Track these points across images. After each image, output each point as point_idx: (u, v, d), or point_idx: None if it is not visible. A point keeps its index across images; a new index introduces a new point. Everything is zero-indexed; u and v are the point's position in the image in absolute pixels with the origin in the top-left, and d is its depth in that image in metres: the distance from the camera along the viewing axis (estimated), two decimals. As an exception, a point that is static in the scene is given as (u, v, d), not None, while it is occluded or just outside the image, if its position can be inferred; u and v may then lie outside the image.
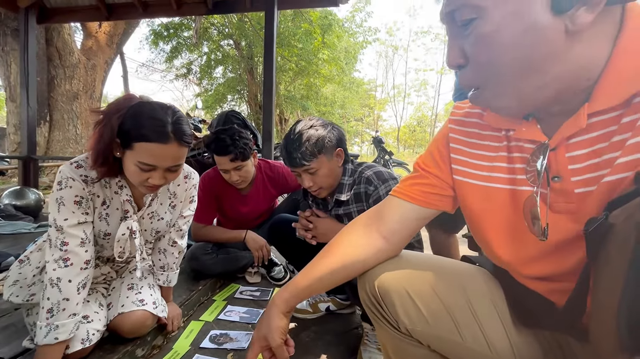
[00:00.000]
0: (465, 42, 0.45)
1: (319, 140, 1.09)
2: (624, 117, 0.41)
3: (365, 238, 0.66)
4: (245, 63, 10.19)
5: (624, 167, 0.40)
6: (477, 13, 0.42)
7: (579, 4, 0.38)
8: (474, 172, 0.57)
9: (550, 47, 0.40)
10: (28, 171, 3.04)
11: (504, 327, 0.59)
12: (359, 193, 1.14)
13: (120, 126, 0.84)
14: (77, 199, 0.87)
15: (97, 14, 3.40)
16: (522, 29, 0.40)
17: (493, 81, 0.45)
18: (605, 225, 0.39)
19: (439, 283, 0.61)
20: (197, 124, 3.73)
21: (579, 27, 0.39)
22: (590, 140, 0.44)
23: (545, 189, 0.48)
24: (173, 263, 1.17)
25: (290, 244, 1.44)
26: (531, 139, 0.49)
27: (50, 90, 5.57)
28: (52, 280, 0.84)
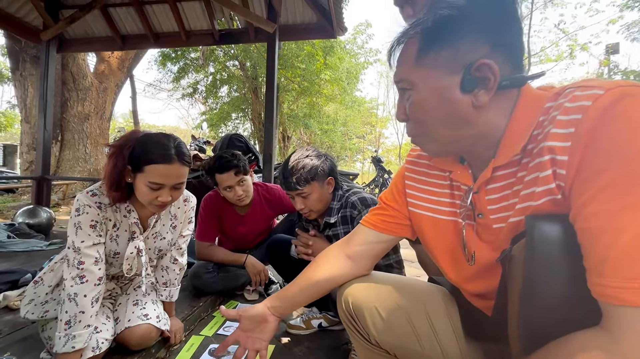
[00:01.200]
0: (406, 104, 0.60)
1: (312, 169, 1.24)
2: (519, 172, 0.54)
3: (335, 257, 0.80)
4: (249, 83, 10.53)
5: (520, 211, 0.52)
6: (410, 86, 0.57)
7: (478, 88, 0.52)
8: (423, 204, 0.70)
9: (462, 115, 0.54)
10: (41, 190, 3.20)
11: (456, 338, 0.70)
12: (345, 216, 1.27)
13: (131, 154, 0.99)
14: (92, 223, 1.00)
15: (112, 44, 3.66)
16: (440, 101, 0.55)
17: (423, 133, 0.60)
18: (510, 255, 0.52)
19: (403, 300, 0.73)
20: (201, 145, 3.90)
21: (481, 103, 0.53)
22: (500, 188, 0.57)
23: (473, 222, 0.61)
24: (175, 279, 1.28)
25: (286, 263, 1.55)
26: (463, 182, 0.63)
27: (63, 112, 5.83)
28: (70, 295, 0.95)
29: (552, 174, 0.47)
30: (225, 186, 1.67)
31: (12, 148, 12.70)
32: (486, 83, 0.51)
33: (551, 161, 0.47)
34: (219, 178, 1.66)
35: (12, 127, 18.05)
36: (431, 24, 0.54)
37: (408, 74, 0.57)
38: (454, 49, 0.52)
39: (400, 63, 0.59)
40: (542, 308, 0.46)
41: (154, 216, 1.14)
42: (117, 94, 6.83)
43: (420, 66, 0.55)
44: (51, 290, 1.08)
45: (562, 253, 0.45)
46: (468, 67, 0.51)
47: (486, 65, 0.50)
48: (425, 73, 0.55)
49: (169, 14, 3.37)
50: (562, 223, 0.45)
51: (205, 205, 1.80)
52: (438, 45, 0.53)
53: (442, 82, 0.54)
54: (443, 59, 0.53)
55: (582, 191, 0.42)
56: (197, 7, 3.31)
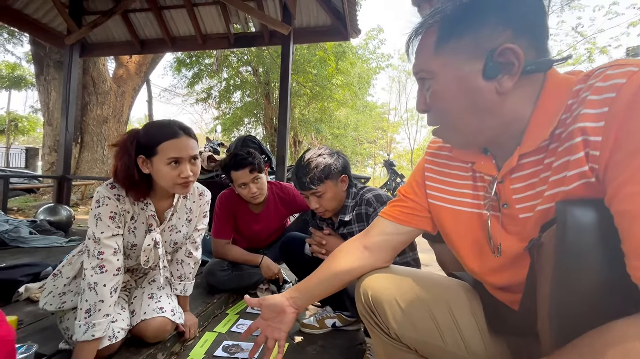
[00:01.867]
0: (426, 94, 0.59)
1: (325, 167, 1.23)
2: (546, 159, 0.52)
3: (352, 250, 0.79)
4: (262, 89, 10.67)
5: (550, 198, 0.50)
6: (430, 75, 0.56)
7: (502, 73, 0.50)
8: (445, 196, 0.69)
9: (485, 102, 0.53)
10: (62, 189, 3.29)
11: (480, 333, 0.68)
12: (360, 213, 1.25)
13: (138, 146, 1.02)
14: (111, 215, 1.02)
15: (131, 48, 3.77)
16: (463, 89, 0.53)
17: (445, 123, 0.59)
18: (538, 244, 0.50)
19: (425, 293, 0.71)
20: (215, 147, 3.95)
21: (505, 89, 0.51)
22: (526, 176, 0.55)
23: (498, 213, 0.59)
24: (189, 273, 1.29)
25: (300, 261, 1.55)
26: (487, 173, 0.61)
27: (83, 115, 6.03)
28: (90, 284, 0.97)
29: (584, 156, 0.45)
30: (240, 184, 1.69)
31: (34, 151, 13.19)
32: (510, 68, 0.50)
33: (583, 143, 0.45)
34: (234, 175, 1.67)
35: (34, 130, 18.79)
36: (450, 11, 0.53)
37: (428, 64, 0.56)
38: (475, 35, 0.51)
39: (419, 53, 0.58)
40: (576, 298, 0.44)
41: (170, 209, 1.15)
42: (134, 98, 7.02)
43: (440, 54, 0.54)
44: (69, 282, 1.10)
45: (596, 238, 0.43)
46: (490, 52, 0.50)
47: (509, 50, 0.49)
48: (446, 62, 0.54)
49: (186, 19, 3.46)
50: (595, 207, 0.43)
51: (220, 203, 1.82)
52: (458, 32, 0.52)
53: (463, 70, 0.52)
54: (464, 46, 0.52)
55: (617, 173, 0.41)
56: (214, 11, 3.39)
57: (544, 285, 0.49)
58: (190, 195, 1.23)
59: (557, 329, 0.46)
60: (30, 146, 14.87)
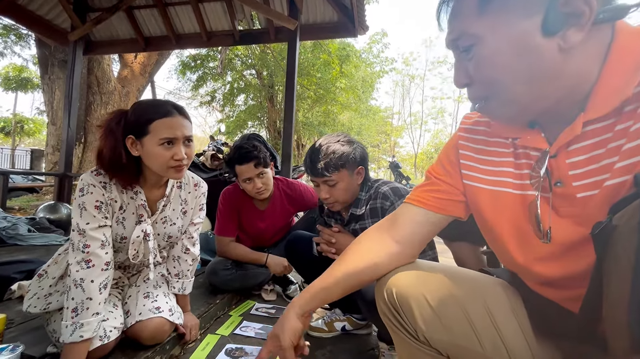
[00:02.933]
0: (468, 64, 0.50)
1: (343, 155, 1.13)
2: (617, 125, 0.43)
3: (378, 243, 0.68)
4: (266, 92, 10.68)
5: (623, 170, 0.42)
6: (475, 40, 0.48)
7: (568, 25, 0.42)
8: (482, 176, 0.60)
9: (545, 64, 0.44)
10: (63, 187, 3.24)
11: (525, 336, 0.58)
12: (375, 208, 1.17)
13: (126, 125, 0.94)
14: (97, 204, 0.93)
15: (135, 45, 3.74)
16: (518, 50, 0.45)
17: (496, 94, 0.50)
18: (610, 227, 0.40)
19: (458, 290, 0.62)
20: (220, 147, 3.89)
21: (571, 44, 0.43)
22: (589, 147, 0.46)
23: (548, 194, 0.50)
24: (187, 271, 1.20)
25: (306, 261, 1.46)
26: (535, 147, 0.52)
27: (87, 115, 6.02)
28: (76, 281, 0.88)
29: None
30: (244, 178, 1.60)
31: (39, 153, 13.24)
32: (578, 18, 0.42)
33: None
34: (239, 169, 1.60)
35: (40, 133, 18.93)
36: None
37: (470, 26, 0.48)
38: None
39: (458, 16, 0.50)
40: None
41: (162, 199, 1.07)
42: (138, 99, 7.02)
43: (486, 14, 0.47)
44: (55, 282, 1.02)
45: None
46: (553, 1, 0.42)
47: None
48: (494, 22, 0.46)
49: (191, 15, 3.42)
50: None
51: (224, 199, 1.74)
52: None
53: (518, 28, 0.45)
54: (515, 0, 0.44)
55: None
56: (219, 8, 3.34)
57: (621, 280, 0.39)
58: (185, 185, 1.14)
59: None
60: (36, 148, 14.93)
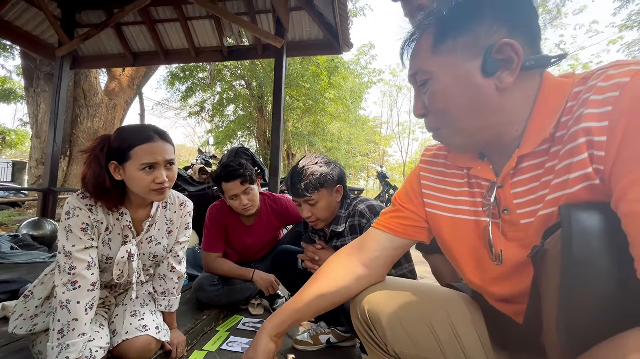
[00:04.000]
0: (424, 97, 0.58)
1: (321, 176, 1.20)
2: (547, 162, 0.51)
3: (347, 266, 0.73)
4: (255, 102, 10.72)
5: (552, 202, 0.49)
6: (429, 76, 0.56)
7: (501, 69, 0.50)
8: (442, 204, 0.66)
9: (486, 99, 0.52)
10: (47, 202, 3.20)
11: (483, 347, 0.64)
12: (353, 225, 1.23)
13: (110, 151, 0.97)
14: (83, 226, 0.96)
15: (123, 60, 3.76)
16: (462, 86, 0.53)
17: (446, 124, 0.57)
18: (542, 251, 0.47)
19: (424, 307, 0.68)
20: (207, 159, 3.91)
21: (505, 85, 0.51)
22: (527, 180, 0.53)
23: (498, 220, 0.57)
24: (173, 288, 1.22)
25: (292, 275, 1.50)
26: (485, 177, 0.59)
27: (72, 127, 5.93)
28: (62, 302, 0.91)
29: (588, 157, 0.43)
30: (231, 195, 1.65)
31: (21, 165, 12.89)
32: (509, 63, 0.50)
33: (587, 143, 0.43)
34: (225, 186, 1.64)
35: (23, 144, 18.45)
36: (446, 12, 0.53)
37: (425, 64, 0.56)
38: (472, 33, 0.51)
39: (416, 55, 0.58)
40: (585, 307, 0.41)
41: (148, 219, 1.10)
42: (126, 111, 6.96)
43: (438, 54, 0.54)
44: (41, 303, 1.04)
45: (604, 243, 0.41)
46: (488, 49, 0.50)
47: (508, 45, 0.49)
48: (444, 61, 0.54)
49: (180, 32, 3.47)
50: (601, 211, 0.42)
51: (210, 215, 1.77)
52: (455, 31, 0.52)
53: (462, 68, 0.52)
54: (461, 44, 0.52)
55: (624, 173, 0.39)
56: (207, 25, 3.41)
57: (550, 295, 0.46)
58: (171, 204, 1.18)
59: (567, 341, 0.44)
60: (18, 159, 14.51)
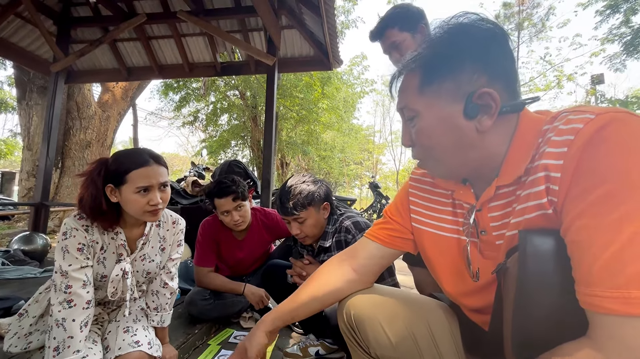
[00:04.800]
0: (412, 130, 0.63)
1: (308, 194, 1.27)
2: (518, 190, 0.57)
3: (339, 271, 0.80)
4: (249, 112, 10.77)
5: (515, 226, 0.55)
6: (415, 113, 0.61)
7: (481, 114, 0.56)
8: (426, 221, 0.73)
9: (467, 139, 0.58)
10: (39, 216, 3.19)
11: (458, 354, 0.71)
12: (340, 240, 1.29)
13: (106, 175, 1.03)
14: (79, 246, 1.01)
15: (117, 75, 3.82)
16: (446, 127, 0.58)
17: (430, 157, 0.63)
18: (504, 268, 0.54)
19: (406, 314, 0.74)
20: (200, 172, 3.95)
21: (484, 127, 0.56)
22: (502, 205, 0.60)
23: (477, 239, 0.63)
24: (166, 304, 1.26)
25: (282, 289, 1.54)
26: (466, 201, 0.65)
27: (65, 140, 5.93)
28: (58, 321, 0.94)
29: (544, 190, 0.49)
30: (222, 211, 1.70)
31: (10, 176, 12.70)
32: (488, 109, 0.55)
33: (545, 177, 0.50)
34: (217, 202, 1.69)
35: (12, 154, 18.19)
36: (431, 58, 0.59)
37: (412, 103, 0.61)
38: (455, 80, 0.56)
39: (404, 91, 0.63)
40: (534, 320, 0.47)
41: (141, 237, 1.15)
42: (119, 122, 6.98)
43: (424, 95, 0.59)
44: (35, 321, 1.07)
45: (553, 265, 0.47)
46: (470, 95, 0.55)
47: (487, 94, 0.54)
48: (429, 103, 0.59)
49: (174, 48, 3.55)
50: (553, 237, 0.48)
51: (203, 230, 1.82)
52: (440, 78, 0.57)
53: (446, 110, 0.57)
54: (445, 89, 0.57)
55: (572, 207, 0.45)
56: (201, 42, 3.50)
57: (508, 307, 0.52)
58: (164, 223, 1.22)
59: (518, 349, 0.50)
60: (7, 170, 14.29)
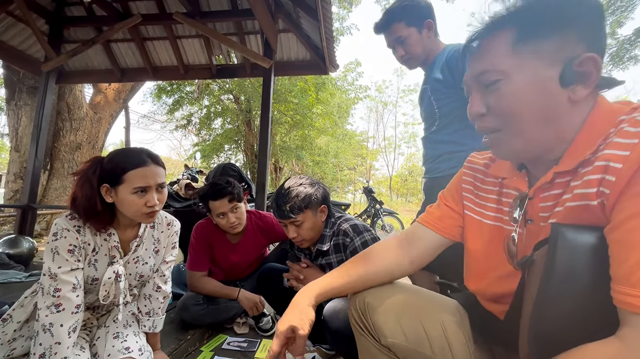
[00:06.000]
0: (489, 97, 0.57)
1: (306, 197, 1.25)
2: (571, 182, 0.53)
3: (398, 257, 0.78)
4: (243, 116, 10.75)
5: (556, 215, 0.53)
6: (501, 75, 0.55)
7: (578, 82, 0.51)
8: (474, 207, 0.72)
9: (557, 109, 0.53)
10: (26, 219, 3.10)
11: (467, 342, 0.70)
12: (337, 244, 1.27)
13: (102, 174, 0.99)
14: (70, 248, 0.97)
15: (111, 76, 3.77)
16: (537, 92, 0.52)
17: (508, 127, 0.56)
18: (530, 261, 0.53)
19: (418, 303, 0.74)
20: (194, 175, 3.90)
21: (578, 98, 0.51)
22: (555, 196, 0.55)
23: (523, 229, 0.60)
24: (158, 308, 1.22)
25: (278, 293, 1.51)
26: (518, 188, 0.62)
27: (54, 141, 5.80)
28: (45, 326, 0.90)
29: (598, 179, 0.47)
30: (218, 213, 1.66)
31: (-4, 177, 12.40)
32: (587, 78, 0.50)
33: (604, 167, 0.46)
34: (212, 205, 1.66)
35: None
36: (533, 15, 0.53)
37: (500, 63, 0.54)
38: (557, 41, 0.51)
39: (489, 51, 0.56)
40: (556, 315, 0.46)
41: (135, 239, 1.11)
42: (111, 124, 6.86)
43: (518, 55, 0.53)
44: (20, 326, 1.02)
45: (584, 262, 0.45)
46: (571, 60, 0.50)
47: (591, 60, 0.49)
48: (523, 63, 0.53)
49: (169, 49, 3.52)
50: (588, 233, 0.46)
51: (196, 233, 1.78)
52: (540, 35, 0.52)
53: (541, 73, 0.52)
54: (544, 49, 0.52)
55: (629, 204, 0.43)
56: (196, 44, 3.48)
57: (530, 300, 0.51)
58: (158, 224, 1.19)
59: (534, 345, 0.48)
60: (-7, 172, 13.97)
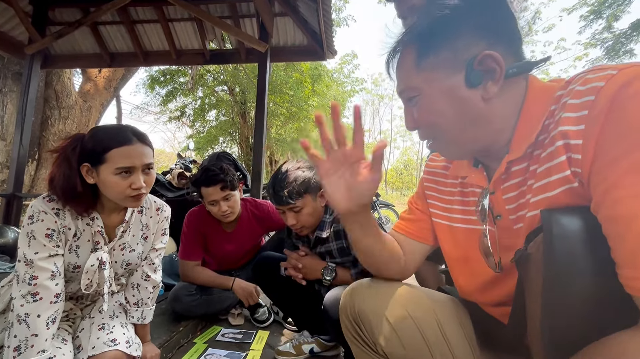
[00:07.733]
0: (414, 111, 0.59)
1: (305, 181, 1.17)
2: (531, 166, 0.52)
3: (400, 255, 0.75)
4: (238, 108, 10.61)
5: (535, 205, 0.49)
6: (416, 92, 0.57)
7: (485, 80, 0.51)
8: (439, 212, 0.68)
9: (474, 110, 0.53)
10: (11, 208, 2.98)
11: (471, 348, 0.64)
12: (338, 230, 1.20)
13: (82, 152, 0.90)
14: (48, 232, 0.88)
15: (99, 61, 3.62)
16: (450, 100, 0.54)
17: (438, 136, 0.58)
18: (526, 255, 0.48)
19: (414, 308, 0.67)
20: (187, 164, 3.80)
21: (491, 95, 0.52)
22: (516, 185, 0.54)
23: (493, 227, 0.57)
24: (147, 298, 1.14)
25: (275, 283, 1.45)
26: (478, 184, 0.60)
27: (42, 130, 5.64)
28: (20, 316, 0.82)
29: (566, 160, 0.44)
30: (210, 201, 1.59)
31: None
32: (492, 74, 0.51)
33: (565, 146, 0.44)
34: (204, 191, 1.58)
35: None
36: (425, 28, 0.54)
37: (411, 81, 0.57)
38: (453, 48, 0.52)
39: (401, 71, 0.59)
40: (567, 311, 0.41)
41: (121, 224, 1.03)
42: (101, 114, 6.70)
43: (422, 70, 0.55)
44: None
45: (586, 246, 0.41)
46: (470, 61, 0.51)
47: (488, 57, 0.50)
48: (429, 76, 0.55)
49: (160, 33, 3.38)
50: (581, 214, 0.42)
51: (189, 221, 1.70)
52: (436, 47, 0.53)
53: (447, 82, 0.53)
54: (443, 59, 0.53)
55: (602, 177, 0.39)
56: (189, 27, 3.35)
57: (534, 298, 0.46)
58: (147, 209, 1.10)
59: (550, 343, 0.43)
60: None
